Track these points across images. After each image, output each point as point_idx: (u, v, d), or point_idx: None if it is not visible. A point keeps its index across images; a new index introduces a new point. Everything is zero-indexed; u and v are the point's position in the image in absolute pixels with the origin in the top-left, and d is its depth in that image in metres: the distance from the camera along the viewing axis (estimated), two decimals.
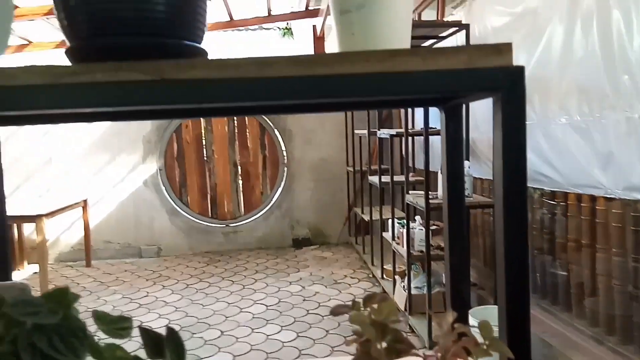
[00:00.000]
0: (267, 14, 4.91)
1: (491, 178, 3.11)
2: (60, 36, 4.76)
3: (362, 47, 0.58)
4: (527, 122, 0.52)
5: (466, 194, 2.92)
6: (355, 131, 5.01)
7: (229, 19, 4.83)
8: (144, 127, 5.34)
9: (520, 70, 0.52)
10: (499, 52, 0.52)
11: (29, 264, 4.97)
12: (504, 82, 0.52)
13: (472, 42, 3.11)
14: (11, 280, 1.79)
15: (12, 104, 0.48)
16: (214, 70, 0.52)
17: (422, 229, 3.22)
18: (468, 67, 0.52)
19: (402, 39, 0.59)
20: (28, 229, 5.01)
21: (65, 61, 0.57)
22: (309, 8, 4.87)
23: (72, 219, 5.22)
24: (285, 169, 5.60)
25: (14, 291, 1.73)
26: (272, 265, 4.81)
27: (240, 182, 5.64)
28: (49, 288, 4.26)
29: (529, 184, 2.59)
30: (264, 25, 6.26)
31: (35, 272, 4.57)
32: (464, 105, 0.87)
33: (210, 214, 5.59)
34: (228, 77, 0.51)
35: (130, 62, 0.50)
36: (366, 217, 4.56)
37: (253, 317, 3.53)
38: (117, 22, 0.53)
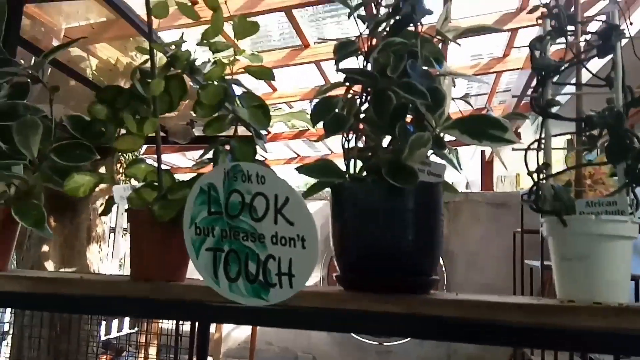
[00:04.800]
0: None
1: None
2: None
3: (581, 294, 0.64)
4: None
5: None
6: (526, 261, 4.69)
7: None
8: None
9: None
10: None
11: None
12: None
13: None
14: None
15: (298, 323, 0.66)
16: (450, 305, 0.64)
17: None
18: None
19: (622, 293, 0.63)
20: None
21: None
22: None
23: None
24: (445, 291, 5.42)
25: None
26: None
27: None
28: None
29: None
30: None
31: None
32: None
33: None
34: (458, 315, 0.62)
35: (387, 296, 0.65)
36: None
37: None
38: (378, 265, 0.73)
